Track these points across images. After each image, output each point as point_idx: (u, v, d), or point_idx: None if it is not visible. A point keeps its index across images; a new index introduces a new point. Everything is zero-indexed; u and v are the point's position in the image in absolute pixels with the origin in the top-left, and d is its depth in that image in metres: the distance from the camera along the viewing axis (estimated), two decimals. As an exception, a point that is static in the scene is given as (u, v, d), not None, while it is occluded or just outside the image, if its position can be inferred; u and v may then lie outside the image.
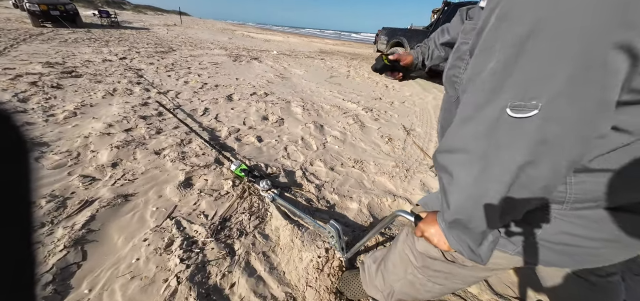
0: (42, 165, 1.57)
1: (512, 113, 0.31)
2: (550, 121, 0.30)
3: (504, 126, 0.32)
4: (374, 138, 2.58)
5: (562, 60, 0.27)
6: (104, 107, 2.52)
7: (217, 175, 1.65)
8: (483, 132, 0.34)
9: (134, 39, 8.17)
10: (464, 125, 0.37)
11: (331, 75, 5.74)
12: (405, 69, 1.06)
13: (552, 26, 0.27)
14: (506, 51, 0.31)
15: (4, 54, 4.46)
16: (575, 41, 0.27)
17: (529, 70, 0.29)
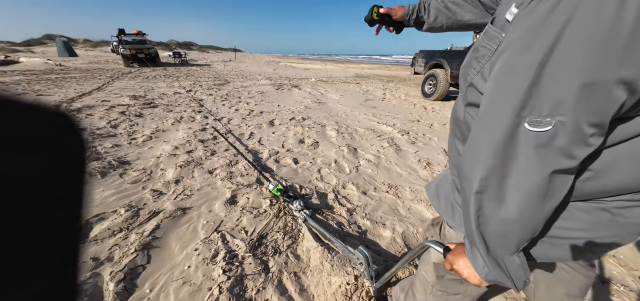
0: (124, 179, 1.95)
1: (530, 127, 0.35)
2: (560, 135, 0.33)
3: (523, 138, 0.36)
4: (411, 162, 2.50)
5: (571, 90, 0.31)
6: (172, 132, 3.02)
7: (257, 194, 1.80)
8: (503, 143, 0.37)
9: (198, 74, 9.63)
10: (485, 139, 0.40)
11: (366, 98, 5.80)
12: (398, 23, 0.98)
13: (564, 60, 0.31)
14: (525, 76, 0.34)
15: (102, 89, 5.72)
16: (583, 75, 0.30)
17: (544, 94, 0.33)
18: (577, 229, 0.45)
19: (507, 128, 0.36)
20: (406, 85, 8.59)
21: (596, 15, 0.29)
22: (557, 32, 0.31)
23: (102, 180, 1.90)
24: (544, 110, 0.33)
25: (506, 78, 0.37)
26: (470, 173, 0.43)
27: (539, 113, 0.34)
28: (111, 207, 1.60)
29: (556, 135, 0.33)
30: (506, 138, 0.37)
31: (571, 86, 0.31)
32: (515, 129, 0.36)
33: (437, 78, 5.51)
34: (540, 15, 0.33)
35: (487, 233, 0.43)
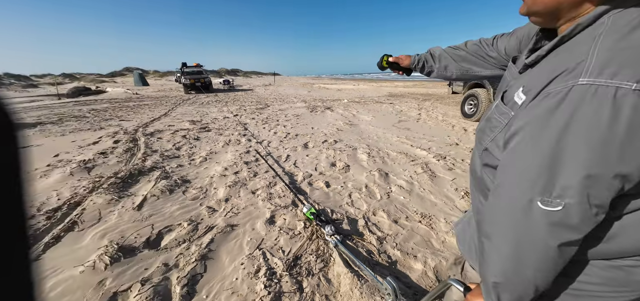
0: (186, 196, 2.33)
1: (542, 206, 0.41)
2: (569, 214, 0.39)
3: (536, 214, 0.42)
4: (447, 190, 2.43)
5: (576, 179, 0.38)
6: (223, 154, 3.47)
7: (292, 216, 1.99)
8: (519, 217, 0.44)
9: (243, 99, 10.72)
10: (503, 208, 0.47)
11: (399, 119, 5.75)
12: (406, 69, 1.10)
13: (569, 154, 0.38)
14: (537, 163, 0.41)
15: (168, 114, 6.77)
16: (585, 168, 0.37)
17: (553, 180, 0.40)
18: (596, 284, 0.49)
19: (522, 205, 0.43)
20: (444, 103, 8.22)
21: (593, 121, 0.35)
22: (560, 130, 0.38)
23: (170, 196, 2.31)
24: (554, 193, 0.39)
25: (519, 162, 0.44)
26: (489, 235, 0.50)
27: (550, 195, 0.40)
28: (177, 220, 1.95)
29: (566, 214, 0.39)
30: (521, 213, 0.43)
31: (576, 176, 0.37)
32: (529, 206, 0.42)
33: (478, 98, 5.22)
34: (545, 112, 0.39)
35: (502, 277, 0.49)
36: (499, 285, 0.50)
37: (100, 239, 1.71)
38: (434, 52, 1.00)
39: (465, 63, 0.90)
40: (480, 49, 0.86)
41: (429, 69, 1.01)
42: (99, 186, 2.45)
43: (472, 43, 0.90)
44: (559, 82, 0.40)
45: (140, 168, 2.89)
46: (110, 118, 6.26)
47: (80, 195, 2.29)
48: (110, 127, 5.20)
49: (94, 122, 5.78)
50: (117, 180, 2.56)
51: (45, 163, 3.15)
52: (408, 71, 1.09)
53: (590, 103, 0.35)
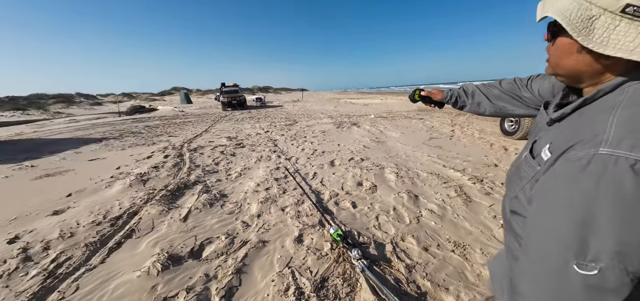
0: (224, 210, 2.55)
1: (578, 269, 0.41)
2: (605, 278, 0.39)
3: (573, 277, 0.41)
4: (484, 218, 2.28)
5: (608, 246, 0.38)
6: (255, 170, 3.72)
7: (319, 236, 2.05)
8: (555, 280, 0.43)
9: (273, 116, 11.31)
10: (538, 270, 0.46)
11: (430, 136, 5.54)
12: (438, 102, 1.12)
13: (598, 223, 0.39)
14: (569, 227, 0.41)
15: (208, 131, 7.43)
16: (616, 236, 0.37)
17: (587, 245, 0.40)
18: None
19: (558, 268, 0.43)
20: (481, 119, 7.69)
21: (617, 191, 0.36)
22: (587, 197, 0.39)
23: (210, 209, 2.55)
24: (589, 256, 0.40)
25: (550, 225, 0.44)
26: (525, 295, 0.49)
27: (585, 258, 0.40)
28: (216, 233, 2.14)
29: (602, 277, 0.39)
30: (557, 276, 0.43)
31: (607, 242, 0.38)
32: (566, 269, 0.42)
33: (520, 114, 4.83)
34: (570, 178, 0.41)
35: None
36: None
37: (153, 247, 1.96)
38: (467, 88, 1.03)
39: (500, 101, 0.92)
40: (515, 88, 0.87)
41: (461, 104, 1.04)
42: (152, 197, 2.80)
43: (507, 82, 0.91)
44: (581, 148, 0.42)
45: (185, 182, 3.24)
46: (161, 134, 7.09)
47: (138, 205, 2.64)
48: (160, 142, 5.90)
49: (147, 138, 6.61)
50: (167, 192, 2.90)
51: (109, 174, 3.70)
52: (440, 104, 1.14)
53: (612, 173, 0.37)
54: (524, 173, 0.55)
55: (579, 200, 0.40)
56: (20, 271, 1.73)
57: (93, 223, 2.31)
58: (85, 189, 3.15)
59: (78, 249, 1.95)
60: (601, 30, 0.42)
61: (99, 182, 3.41)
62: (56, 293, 1.55)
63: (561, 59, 0.50)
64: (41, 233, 2.19)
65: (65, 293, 1.55)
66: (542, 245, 0.46)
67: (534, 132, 0.67)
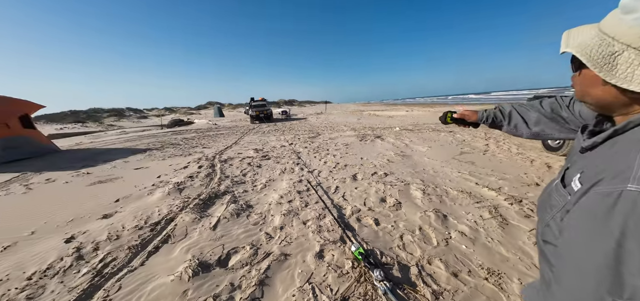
0: (249, 221, 2.65)
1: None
2: None
3: None
4: (523, 243, 2.07)
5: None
6: (279, 182, 3.83)
7: (340, 253, 2.03)
8: None
9: (297, 128, 11.62)
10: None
11: (461, 150, 5.22)
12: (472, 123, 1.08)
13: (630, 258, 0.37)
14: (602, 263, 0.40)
15: (237, 143, 7.85)
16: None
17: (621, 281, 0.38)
18: None
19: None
20: (536, 149, 7.08)
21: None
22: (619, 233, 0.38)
23: (237, 219, 2.67)
24: (625, 294, 0.38)
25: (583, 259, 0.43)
26: None
27: (621, 296, 0.39)
28: (241, 243, 2.23)
29: None
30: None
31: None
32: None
33: (566, 128, 4.35)
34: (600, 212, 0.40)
35: None
36: None
37: (185, 253, 2.11)
38: (504, 109, 1.00)
39: (539, 126, 0.88)
40: (557, 108, 0.84)
41: (498, 124, 1.01)
42: (187, 205, 3.03)
43: (548, 102, 0.88)
44: (610, 183, 0.41)
45: (216, 191, 3.45)
46: (196, 146, 7.67)
47: (174, 213, 2.87)
48: (195, 153, 6.39)
49: (184, 149, 7.20)
50: (200, 201, 3.12)
51: (151, 183, 4.08)
52: (475, 125, 1.11)
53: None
54: (555, 202, 0.54)
55: (610, 237, 0.39)
56: (74, 269, 1.97)
57: (136, 227, 2.57)
58: (131, 195, 3.52)
59: (122, 251, 2.17)
60: (625, 66, 0.42)
61: (142, 189, 3.78)
62: (102, 291, 1.73)
63: (587, 89, 0.50)
64: (92, 234, 2.48)
65: (109, 291, 1.73)
66: (575, 279, 0.45)
67: (569, 157, 0.64)
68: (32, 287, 1.78)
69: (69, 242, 2.36)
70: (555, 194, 0.55)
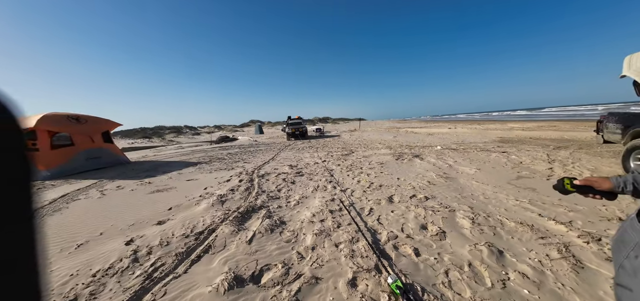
0: (282, 237, 2.68)
1: None
2: None
3: None
4: (604, 293, 1.66)
5: None
6: (312, 200, 3.84)
7: (375, 284, 1.88)
8: None
9: (331, 145, 11.72)
10: None
11: (518, 174, 4.55)
12: (606, 193, 0.83)
13: None
14: None
15: (274, 159, 8.19)
16: None
17: None
18: None
19: None
20: (592, 154, 5.91)
21: None
22: None
23: (270, 235, 2.73)
24: None
25: None
26: None
27: None
28: (274, 260, 2.25)
29: None
30: None
31: None
32: None
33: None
34: None
35: None
36: None
37: (223, 265, 2.21)
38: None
39: None
40: None
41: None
42: (227, 217, 3.22)
43: None
44: None
45: (253, 205, 3.61)
46: (238, 161, 8.27)
47: (216, 224, 3.07)
48: (237, 168, 6.86)
49: (228, 163, 7.81)
50: (238, 214, 3.29)
51: (198, 194, 4.47)
52: (611, 195, 0.86)
53: None
54: (628, 239, 0.51)
55: None
56: (129, 270, 2.22)
57: (183, 235, 2.81)
58: (182, 205, 3.90)
59: (170, 257, 2.38)
60: None
61: (191, 199, 4.17)
62: (150, 295, 1.90)
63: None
64: (148, 238, 2.79)
65: (156, 295, 1.88)
66: None
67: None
68: (95, 284, 2.05)
69: (129, 244, 2.68)
70: (630, 230, 0.52)
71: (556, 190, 0.95)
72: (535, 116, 38.57)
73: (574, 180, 0.90)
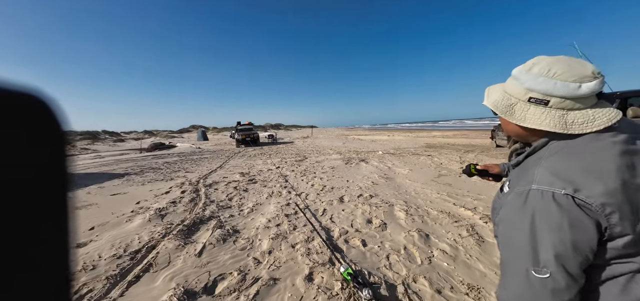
0: (236, 246, 2.61)
1: (536, 274, 0.53)
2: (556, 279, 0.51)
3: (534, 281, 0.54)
4: (498, 259, 2.23)
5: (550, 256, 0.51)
6: (267, 206, 3.82)
7: (330, 275, 2.05)
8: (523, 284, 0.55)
9: (284, 152, 11.70)
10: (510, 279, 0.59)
11: (439, 173, 5.53)
12: (495, 175, 1.14)
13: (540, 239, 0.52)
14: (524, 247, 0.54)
15: (223, 167, 7.72)
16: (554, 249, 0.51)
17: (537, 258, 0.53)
18: None
19: (523, 275, 0.55)
20: (490, 156, 7.64)
21: (547, 214, 0.51)
22: (530, 220, 0.53)
23: (223, 245, 2.62)
24: (541, 265, 0.52)
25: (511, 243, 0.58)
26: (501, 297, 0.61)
27: (539, 266, 0.53)
28: (228, 269, 2.19)
29: (553, 279, 0.51)
30: (524, 281, 0.55)
31: (549, 253, 0.51)
32: (528, 275, 0.54)
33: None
34: (517, 207, 0.57)
35: None
36: None
37: (169, 281, 2.03)
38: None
39: None
40: None
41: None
42: (170, 232, 2.92)
43: None
44: (522, 185, 0.58)
45: (201, 217, 3.36)
46: (178, 170, 7.44)
47: (156, 240, 2.76)
48: (178, 178, 6.19)
49: (166, 173, 6.95)
50: (184, 227, 3.02)
51: (129, 209, 3.89)
52: (498, 177, 1.15)
53: (542, 202, 0.53)
54: (496, 205, 0.72)
55: (525, 223, 0.55)
56: (46, 302, 1.82)
57: (114, 256, 2.43)
58: (108, 223, 3.33)
59: (99, 282, 2.04)
60: (519, 112, 0.63)
61: (120, 216, 3.59)
62: (78, 325, 1.61)
63: (506, 126, 0.71)
64: (66, 265, 2.31)
65: (86, 325, 1.61)
66: (509, 258, 0.60)
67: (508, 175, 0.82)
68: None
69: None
70: (496, 199, 0.73)
71: (464, 174, 1.25)
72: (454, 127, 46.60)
73: (477, 165, 1.22)
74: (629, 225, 0.49)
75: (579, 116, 0.57)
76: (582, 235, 0.50)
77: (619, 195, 0.49)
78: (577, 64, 0.58)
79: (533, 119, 0.60)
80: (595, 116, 0.56)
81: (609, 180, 0.50)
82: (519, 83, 0.63)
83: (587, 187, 0.50)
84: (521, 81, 0.62)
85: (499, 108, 0.67)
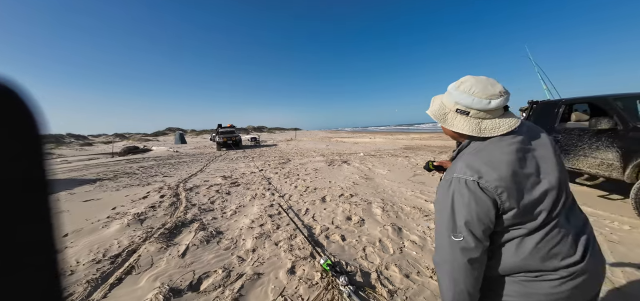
0: (220, 246, 2.68)
1: (453, 238, 0.73)
2: (466, 241, 0.71)
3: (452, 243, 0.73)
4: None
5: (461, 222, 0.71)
6: (250, 208, 3.89)
7: (311, 267, 2.22)
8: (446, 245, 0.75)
9: (268, 155, 11.67)
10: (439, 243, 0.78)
11: (415, 173, 5.93)
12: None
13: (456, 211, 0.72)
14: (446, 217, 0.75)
15: (203, 170, 7.60)
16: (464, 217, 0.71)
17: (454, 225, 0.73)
18: (511, 295, 0.76)
19: (446, 238, 0.75)
20: (462, 156, 8.28)
21: (461, 195, 0.72)
22: (451, 198, 0.74)
23: (207, 246, 2.68)
24: (456, 230, 0.73)
25: (440, 215, 0.79)
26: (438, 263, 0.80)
27: (456, 232, 0.73)
28: (213, 267, 2.27)
29: (465, 241, 0.71)
30: (447, 243, 0.75)
31: (461, 221, 0.72)
32: (449, 239, 0.74)
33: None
34: (445, 189, 0.77)
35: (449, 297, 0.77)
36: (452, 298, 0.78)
37: (153, 281, 2.07)
38: None
39: None
40: None
41: None
42: (151, 235, 2.91)
43: None
44: (449, 174, 0.79)
45: (182, 220, 3.37)
46: (156, 175, 7.20)
47: (136, 243, 2.75)
48: (156, 183, 6.01)
49: (142, 178, 6.70)
50: (165, 230, 3.02)
51: (105, 215, 3.78)
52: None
53: (458, 185, 0.74)
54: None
55: (448, 201, 0.76)
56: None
57: (93, 261, 2.40)
58: (82, 229, 3.22)
59: (80, 286, 2.04)
60: (450, 119, 0.85)
61: (95, 222, 3.48)
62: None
63: (444, 130, 0.92)
64: (40, 272, 2.25)
65: (69, 326, 1.63)
66: (438, 228, 0.81)
67: None
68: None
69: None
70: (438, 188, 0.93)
71: (425, 170, 1.42)
72: (431, 129, 48.83)
73: (434, 162, 1.40)
74: (515, 202, 0.70)
75: (489, 124, 0.78)
76: (483, 209, 0.70)
77: (508, 180, 0.70)
78: (490, 85, 0.79)
79: (459, 125, 0.81)
80: (501, 124, 0.77)
81: (502, 170, 0.71)
82: (451, 97, 0.83)
83: (487, 175, 0.71)
84: (452, 95, 0.83)
85: (436, 116, 0.88)
